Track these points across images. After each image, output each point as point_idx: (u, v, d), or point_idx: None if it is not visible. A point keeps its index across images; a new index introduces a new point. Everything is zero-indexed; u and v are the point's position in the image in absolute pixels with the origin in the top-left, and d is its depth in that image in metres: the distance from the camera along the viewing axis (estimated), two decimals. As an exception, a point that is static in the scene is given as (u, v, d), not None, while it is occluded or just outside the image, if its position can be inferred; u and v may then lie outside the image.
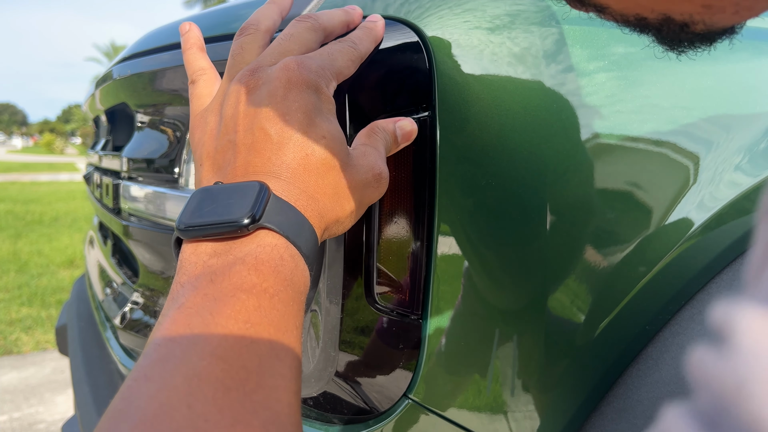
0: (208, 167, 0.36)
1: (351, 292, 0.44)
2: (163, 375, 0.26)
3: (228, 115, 0.36)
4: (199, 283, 0.30)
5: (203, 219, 0.32)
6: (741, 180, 0.44)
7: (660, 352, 0.43)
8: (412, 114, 0.42)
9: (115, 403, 0.25)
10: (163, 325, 0.28)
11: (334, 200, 0.35)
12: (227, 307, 0.28)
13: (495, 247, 0.42)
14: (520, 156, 0.41)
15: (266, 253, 0.31)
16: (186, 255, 0.32)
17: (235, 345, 0.27)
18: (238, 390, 0.26)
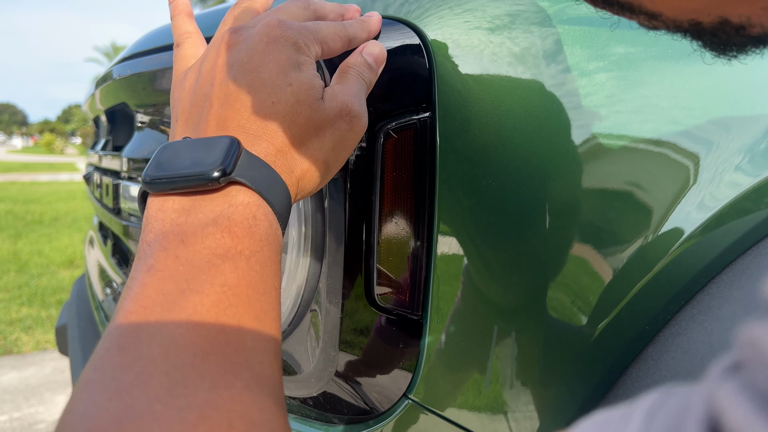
0: (182, 123, 0.35)
1: (351, 292, 0.44)
2: (138, 344, 0.25)
3: (206, 70, 0.35)
4: (169, 243, 0.29)
5: (172, 171, 0.31)
6: (741, 180, 0.44)
7: (660, 352, 0.43)
8: (412, 114, 0.42)
9: (88, 374, 0.25)
10: (133, 290, 0.27)
11: (304, 150, 0.34)
12: (202, 272, 0.27)
13: (495, 248, 0.42)
14: (520, 156, 0.41)
15: (239, 213, 0.30)
16: (152, 211, 0.31)
17: (212, 310, 0.26)
18: (218, 354, 0.25)
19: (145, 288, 0.27)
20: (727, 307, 0.42)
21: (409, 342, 0.44)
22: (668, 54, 0.43)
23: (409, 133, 0.42)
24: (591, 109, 0.41)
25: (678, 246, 0.42)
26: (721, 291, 0.43)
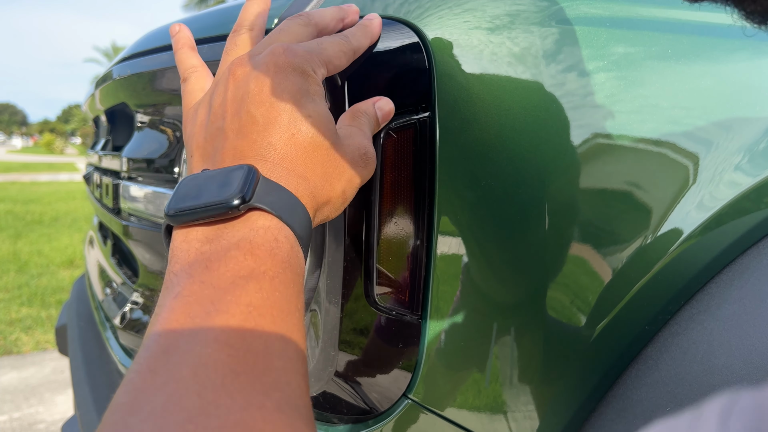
0: (198, 157, 0.36)
1: (351, 292, 0.44)
2: (168, 367, 0.25)
3: (217, 103, 0.36)
4: (194, 271, 0.29)
5: (192, 203, 0.31)
6: (741, 180, 0.44)
7: (659, 352, 0.43)
8: (412, 114, 0.42)
9: (120, 398, 0.25)
10: (161, 316, 0.28)
11: (324, 179, 0.34)
12: (227, 293, 0.28)
13: (495, 248, 0.42)
14: (520, 156, 0.41)
15: (260, 236, 0.30)
16: (177, 243, 0.32)
17: (239, 330, 0.27)
18: (248, 374, 0.25)
19: (172, 312, 0.28)
20: (726, 307, 0.42)
21: (409, 342, 0.44)
22: (668, 54, 0.43)
23: (409, 132, 0.42)
24: (591, 109, 0.41)
25: (678, 246, 0.42)
26: (720, 291, 0.43)
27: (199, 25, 0.60)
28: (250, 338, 0.27)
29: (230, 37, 0.40)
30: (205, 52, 0.53)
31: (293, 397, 0.26)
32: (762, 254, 0.44)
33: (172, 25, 0.44)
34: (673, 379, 0.41)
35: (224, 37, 0.53)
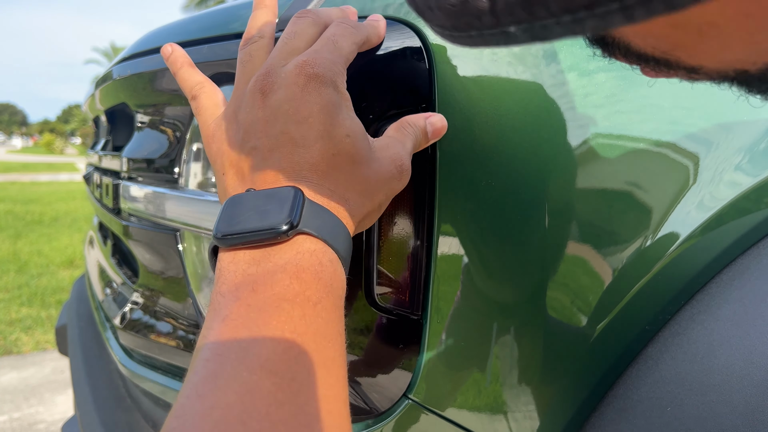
0: (233, 175, 0.36)
1: (351, 292, 0.44)
2: (215, 392, 0.26)
3: (247, 121, 0.36)
4: (241, 293, 0.30)
5: (241, 226, 0.32)
6: (741, 180, 0.44)
7: (660, 352, 0.43)
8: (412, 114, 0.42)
9: (169, 422, 0.25)
10: (209, 339, 0.28)
11: (363, 197, 0.35)
12: (273, 318, 0.28)
13: (495, 248, 0.42)
14: (520, 156, 0.41)
15: (306, 260, 0.31)
16: (224, 264, 0.32)
17: (284, 357, 0.27)
18: (291, 403, 0.26)
19: (221, 336, 0.28)
20: (726, 307, 0.42)
21: (409, 342, 0.44)
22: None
23: (409, 133, 0.42)
24: (591, 109, 0.41)
25: (678, 246, 0.42)
26: (720, 291, 0.43)
27: (199, 26, 0.60)
28: (294, 366, 0.27)
29: (242, 46, 0.40)
30: (205, 52, 0.53)
31: (333, 427, 0.27)
32: (762, 254, 0.44)
33: (164, 47, 0.44)
34: (673, 379, 0.41)
35: (225, 37, 0.53)
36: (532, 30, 0.17)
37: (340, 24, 0.38)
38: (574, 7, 0.15)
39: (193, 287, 0.61)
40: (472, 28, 0.18)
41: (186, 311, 0.63)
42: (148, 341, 0.66)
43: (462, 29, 0.19)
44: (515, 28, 0.17)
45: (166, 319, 0.67)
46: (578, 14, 0.16)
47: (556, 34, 0.17)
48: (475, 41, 0.19)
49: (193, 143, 0.61)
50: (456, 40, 0.20)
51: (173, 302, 0.67)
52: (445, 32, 0.20)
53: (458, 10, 0.18)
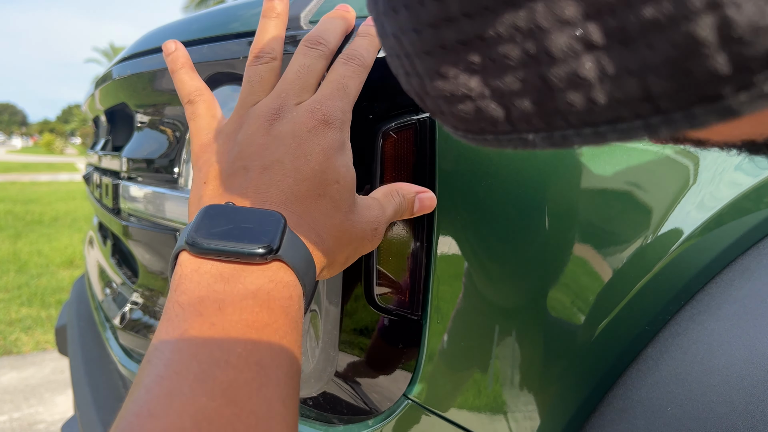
0: (215, 187, 0.35)
1: (351, 293, 0.44)
2: (169, 413, 0.24)
3: (245, 142, 0.36)
4: (205, 309, 0.28)
5: (218, 238, 0.30)
6: (741, 180, 0.44)
7: (660, 352, 0.43)
8: (412, 114, 0.42)
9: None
10: (165, 354, 0.27)
11: (335, 243, 0.35)
12: (238, 344, 0.27)
13: (495, 248, 0.42)
14: (520, 156, 0.41)
15: (278, 291, 0.30)
16: (187, 271, 0.30)
17: (245, 387, 0.26)
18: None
19: (178, 353, 0.27)
20: (727, 307, 0.42)
21: (409, 342, 0.44)
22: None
23: (409, 133, 0.42)
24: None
25: (678, 246, 0.42)
26: (720, 291, 0.43)
27: (199, 26, 0.60)
28: (255, 399, 0.26)
29: (251, 63, 0.39)
30: (204, 52, 0.53)
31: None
32: (762, 254, 0.44)
33: (166, 44, 0.43)
34: (673, 380, 0.41)
35: (225, 37, 0.53)
36: (551, 139, 0.17)
37: (348, 64, 0.38)
38: (595, 121, 0.15)
39: (193, 287, 0.61)
40: (487, 133, 0.18)
41: (186, 311, 0.63)
42: (148, 341, 0.66)
43: (476, 133, 0.18)
44: (533, 136, 0.17)
45: (166, 319, 0.67)
46: (600, 128, 0.15)
47: (577, 143, 0.16)
48: (490, 143, 0.19)
49: (193, 143, 0.60)
50: (470, 141, 0.19)
51: (173, 302, 0.67)
52: (458, 133, 0.19)
53: (472, 117, 0.18)
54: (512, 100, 0.16)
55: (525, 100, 0.16)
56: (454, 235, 0.42)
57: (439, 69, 0.17)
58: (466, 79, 0.17)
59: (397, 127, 0.42)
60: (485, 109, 0.17)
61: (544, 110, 0.16)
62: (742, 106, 0.14)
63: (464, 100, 0.17)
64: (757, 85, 0.13)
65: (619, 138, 0.16)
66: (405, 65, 0.19)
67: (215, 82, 0.54)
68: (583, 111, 0.15)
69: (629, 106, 0.15)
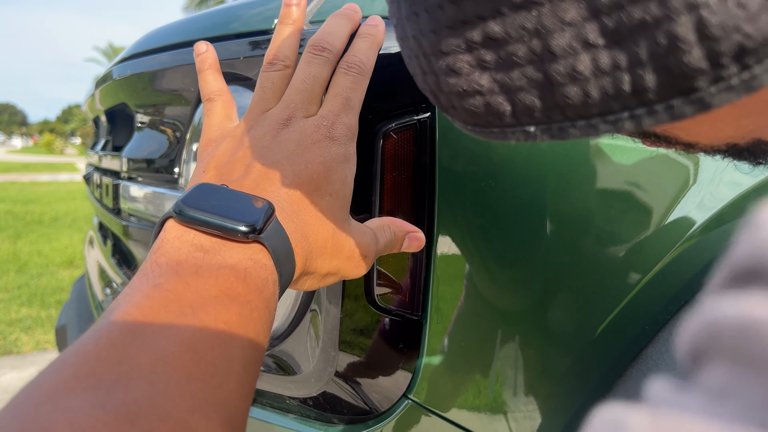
0: (213, 176, 0.37)
1: (351, 292, 0.44)
2: (128, 348, 0.25)
3: (250, 145, 0.37)
4: (182, 270, 0.29)
5: (206, 209, 0.32)
6: (741, 180, 0.44)
7: (660, 352, 0.43)
8: (412, 115, 0.42)
9: (68, 357, 0.24)
10: (134, 298, 0.28)
11: (319, 252, 0.36)
12: (209, 304, 0.28)
13: (495, 248, 0.42)
14: (520, 156, 0.41)
15: (256, 270, 0.31)
16: (170, 237, 0.32)
17: (209, 340, 0.27)
18: (203, 382, 0.25)
19: (148, 300, 0.27)
20: (726, 307, 0.42)
21: (409, 342, 0.44)
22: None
23: (409, 133, 0.42)
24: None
25: (678, 246, 0.42)
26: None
27: (199, 26, 0.60)
28: (216, 353, 0.27)
29: (265, 69, 0.40)
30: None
31: (237, 420, 0.27)
32: (762, 254, 0.44)
33: (198, 44, 0.44)
34: (673, 379, 0.41)
35: (225, 37, 0.53)
36: (549, 131, 0.19)
37: (348, 73, 0.39)
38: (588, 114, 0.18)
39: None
40: (494, 126, 0.20)
41: (186, 311, 0.64)
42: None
43: (484, 126, 0.21)
44: (534, 128, 0.19)
45: (166, 319, 0.67)
46: (592, 120, 0.18)
47: (572, 135, 0.19)
48: (496, 136, 0.21)
49: (193, 143, 0.60)
50: (478, 134, 0.21)
51: (173, 302, 0.67)
52: (467, 127, 0.21)
53: (481, 112, 0.20)
54: (518, 95, 0.18)
55: (529, 95, 0.18)
56: (454, 235, 0.42)
57: (454, 66, 0.19)
58: (478, 76, 0.19)
59: (397, 127, 0.42)
60: (493, 103, 0.19)
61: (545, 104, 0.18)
62: (713, 98, 0.16)
63: (475, 95, 0.19)
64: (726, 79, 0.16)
65: (610, 129, 0.18)
66: (422, 65, 0.21)
67: (215, 82, 0.54)
68: (579, 104, 0.18)
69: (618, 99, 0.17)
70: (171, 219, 0.33)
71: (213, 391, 0.26)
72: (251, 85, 0.50)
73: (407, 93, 0.42)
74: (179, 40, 0.62)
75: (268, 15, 0.50)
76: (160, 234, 0.33)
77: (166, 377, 0.24)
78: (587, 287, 0.42)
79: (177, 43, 0.62)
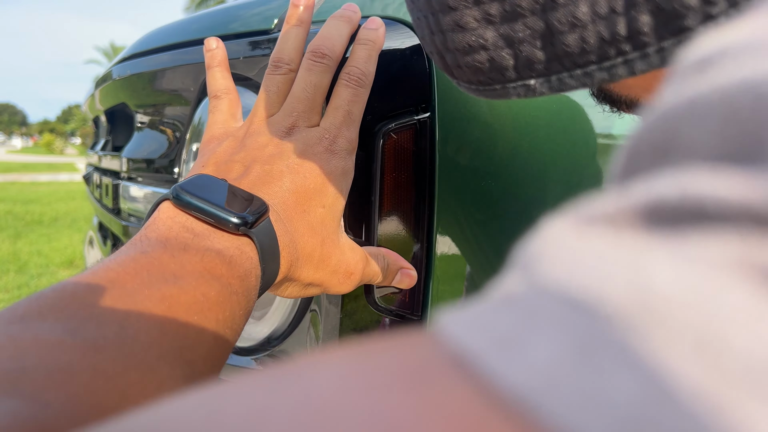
0: (212, 170, 0.37)
1: (351, 293, 0.44)
2: (105, 295, 0.26)
3: (251, 147, 0.38)
4: (170, 245, 0.30)
5: (202, 196, 0.33)
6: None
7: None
8: (412, 115, 0.42)
9: (46, 292, 0.26)
10: (120, 258, 0.29)
11: (305, 260, 0.36)
12: (191, 277, 0.29)
13: (494, 247, 0.42)
14: (520, 156, 0.41)
15: (241, 260, 0.32)
16: (163, 216, 0.33)
17: (185, 305, 0.27)
18: (174, 339, 0.26)
19: (132, 262, 0.28)
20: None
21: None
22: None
23: (409, 133, 0.42)
24: (590, 109, 0.41)
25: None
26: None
27: (199, 26, 0.61)
28: (191, 318, 0.27)
29: (270, 72, 0.40)
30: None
31: (207, 372, 0.27)
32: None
33: (208, 40, 0.44)
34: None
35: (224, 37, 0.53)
36: (549, 83, 0.20)
37: (349, 85, 0.39)
38: (585, 62, 0.18)
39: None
40: (496, 82, 0.21)
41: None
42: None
43: (487, 84, 0.21)
44: (534, 81, 0.20)
45: (166, 320, 0.67)
46: (588, 68, 0.19)
47: (570, 86, 0.19)
48: (498, 93, 0.21)
49: (193, 143, 0.60)
50: (481, 93, 0.22)
51: (173, 302, 0.67)
52: (472, 87, 0.22)
53: (486, 67, 0.21)
54: (520, 47, 0.19)
55: (530, 47, 0.19)
56: (454, 235, 0.42)
57: (461, 22, 0.20)
58: (483, 30, 0.20)
59: (397, 127, 0.42)
60: (497, 58, 0.20)
61: (546, 55, 0.19)
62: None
63: (480, 50, 0.20)
64: (716, 17, 0.16)
65: (604, 77, 0.18)
66: (431, 24, 0.22)
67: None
68: (577, 52, 0.18)
69: (614, 44, 0.18)
70: (167, 201, 0.34)
71: (181, 350, 0.26)
72: (251, 85, 0.50)
73: (407, 93, 0.42)
74: (179, 40, 0.62)
75: (268, 15, 0.50)
76: (153, 213, 0.34)
77: (137, 324, 0.25)
78: (587, 287, 0.42)
79: (177, 43, 0.62)
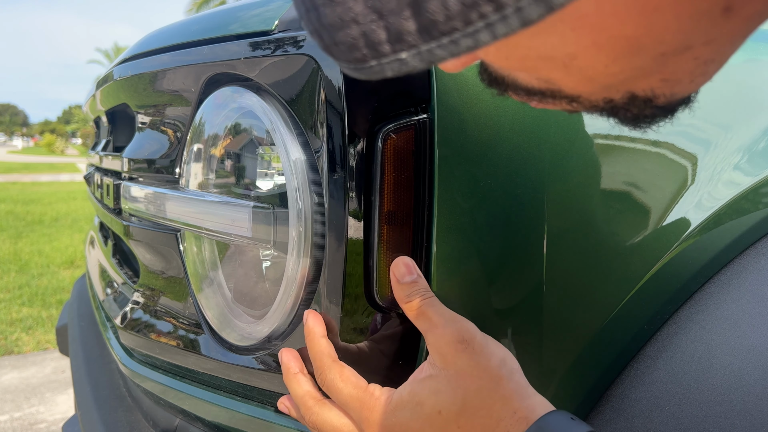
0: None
1: (351, 292, 0.45)
2: None
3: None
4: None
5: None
6: (739, 180, 0.44)
7: (658, 351, 0.43)
8: (412, 115, 0.42)
9: None
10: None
11: None
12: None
13: (494, 247, 0.42)
14: (519, 156, 0.41)
15: None
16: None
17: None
18: None
19: None
20: (725, 307, 0.42)
21: (409, 341, 0.44)
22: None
23: (409, 134, 0.42)
24: (589, 110, 0.41)
25: (676, 246, 0.43)
26: (718, 291, 0.44)
27: (200, 27, 0.61)
28: None
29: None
30: (205, 53, 0.54)
31: None
32: (760, 254, 0.45)
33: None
34: (671, 378, 0.41)
35: (225, 38, 0.53)
36: (420, 55, 0.20)
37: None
38: (450, 29, 0.19)
39: (194, 287, 0.61)
40: (372, 58, 0.21)
41: (186, 311, 0.64)
42: (149, 341, 0.67)
43: (364, 61, 0.22)
44: (406, 54, 0.20)
45: (167, 319, 0.67)
46: (454, 35, 0.19)
47: (440, 56, 0.20)
48: (374, 71, 0.22)
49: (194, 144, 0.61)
50: (360, 72, 0.23)
51: (174, 302, 0.67)
52: (351, 66, 0.23)
53: (359, 44, 0.21)
54: (389, 19, 0.20)
55: (399, 18, 0.19)
56: (453, 234, 0.42)
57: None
58: (353, 2, 0.20)
59: (396, 127, 0.42)
60: (369, 32, 0.20)
61: (415, 25, 0.19)
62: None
63: (351, 24, 0.20)
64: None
65: (470, 44, 0.19)
66: (306, 1, 0.22)
67: (215, 82, 0.55)
68: (442, 19, 0.19)
69: (474, 7, 0.18)
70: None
71: None
72: (251, 85, 0.50)
73: (406, 94, 0.42)
74: (180, 41, 0.62)
75: (268, 16, 0.50)
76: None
77: None
78: (586, 288, 0.42)
79: (178, 44, 0.62)
